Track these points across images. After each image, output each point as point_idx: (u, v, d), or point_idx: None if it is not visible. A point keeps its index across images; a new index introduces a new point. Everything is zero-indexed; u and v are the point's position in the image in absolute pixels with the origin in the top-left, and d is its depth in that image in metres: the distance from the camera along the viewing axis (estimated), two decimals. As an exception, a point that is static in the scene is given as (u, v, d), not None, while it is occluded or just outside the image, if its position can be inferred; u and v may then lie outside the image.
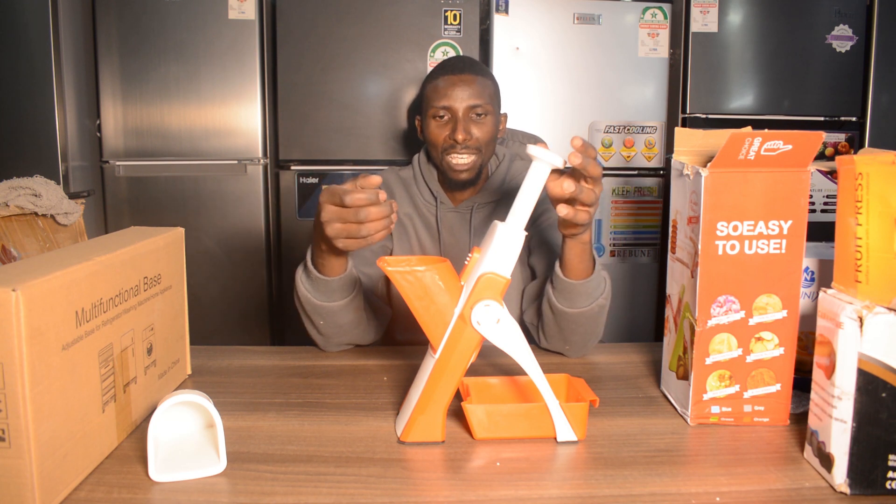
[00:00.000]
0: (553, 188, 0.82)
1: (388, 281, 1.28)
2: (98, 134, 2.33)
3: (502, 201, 1.29)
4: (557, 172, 0.83)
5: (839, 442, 0.67)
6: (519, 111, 2.41)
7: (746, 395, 0.81)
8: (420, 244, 1.30)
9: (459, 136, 1.19)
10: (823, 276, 0.86)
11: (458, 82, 1.21)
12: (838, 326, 0.66)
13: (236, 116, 2.32)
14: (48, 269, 0.65)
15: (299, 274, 1.00)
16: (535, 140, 1.59)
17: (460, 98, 1.20)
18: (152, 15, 2.26)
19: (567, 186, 0.81)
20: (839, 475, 0.67)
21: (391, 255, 1.29)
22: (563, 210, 0.83)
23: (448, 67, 1.25)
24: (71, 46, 2.21)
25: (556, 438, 0.78)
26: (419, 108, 1.31)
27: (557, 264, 1.00)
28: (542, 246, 1.21)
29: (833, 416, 0.67)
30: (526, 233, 0.78)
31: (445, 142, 1.21)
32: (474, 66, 1.26)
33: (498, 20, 2.40)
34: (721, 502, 0.66)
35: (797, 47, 2.45)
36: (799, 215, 0.78)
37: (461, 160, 1.21)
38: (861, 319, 0.65)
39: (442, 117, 1.22)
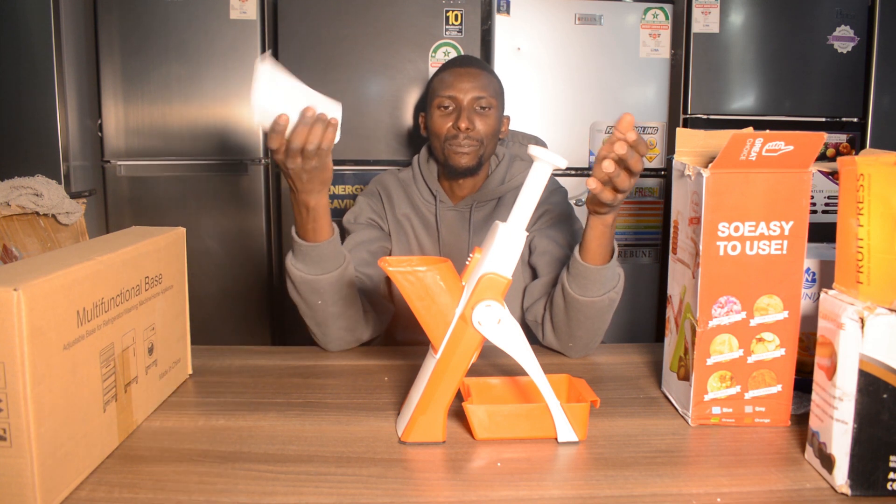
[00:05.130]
0: (595, 168, 0.86)
1: (389, 281, 1.28)
2: (99, 133, 2.33)
3: (502, 201, 1.29)
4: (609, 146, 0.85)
5: (840, 443, 0.67)
6: (520, 111, 2.41)
7: (747, 395, 0.81)
8: (419, 244, 1.30)
9: (462, 125, 1.20)
10: (825, 277, 0.86)
11: (465, 74, 1.23)
12: (839, 327, 0.66)
13: (237, 116, 2.32)
14: (49, 268, 0.65)
15: (289, 259, 1.01)
16: (536, 141, 1.59)
17: (465, 89, 1.22)
18: (154, 15, 2.26)
19: (606, 166, 0.83)
20: (840, 476, 0.67)
21: (391, 255, 1.30)
22: (591, 184, 0.86)
23: (455, 62, 1.28)
24: (72, 46, 2.21)
25: (556, 439, 0.78)
26: (423, 105, 1.32)
27: (577, 248, 1.00)
28: (544, 246, 1.21)
29: (834, 417, 0.67)
30: (527, 233, 0.78)
31: (448, 132, 1.23)
32: (481, 63, 1.28)
33: (499, 20, 2.40)
34: (722, 503, 0.66)
35: (798, 48, 2.45)
36: (800, 216, 0.78)
37: (462, 147, 1.22)
38: (862, 320, 0.64)
39: (447, 107, 1.23)
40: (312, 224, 0.97)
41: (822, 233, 0.90)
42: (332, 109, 0.89)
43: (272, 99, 0.86)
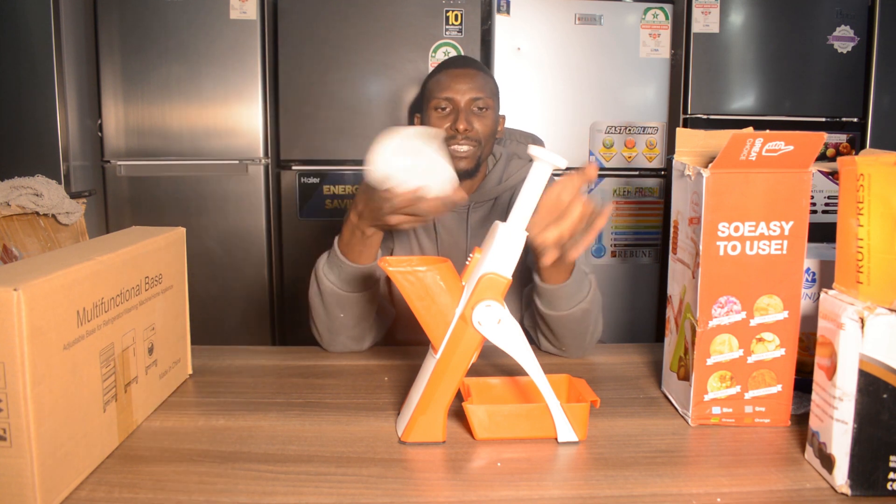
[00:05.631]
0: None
1: (389, 282, 1.28)
2: (99, 134, 2.33)
3: (499, 200, 1.29)
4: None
5: (840, 443, 0.67)
6: (520, 111, 2.41)
7: (747, 395, 0.81)
8: (419, 244, 1.30)
9: (461, 126, 1.20)
10: (825, 277, 0.86)
11: (461, 75, 1.23)
12: (839, 327, 0.66)
13: (237, 116, 2.32)
14: (50, 268, 0.65)
15: (322, 269, 1.02)
16: (533, 139, 1.59)
17: (462, 90, 1.22)
18: (154, 15, 2.26)
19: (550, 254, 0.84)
20: (840, 476, 0.67)
21: (392, 255, 1.30)
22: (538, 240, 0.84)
23: (451, 63, 1.27)
24: (72, 46, 2.21)
25: (556, 439, 0.78)
26: (418, 106, 1.31)
27: (535, 273, 1.00)
28: None
29: (834, 417, 0.67)
30: (527, 233, 0.78)
31: (446, 133, 1.22)
32: (476, 63, 1.28)
33: (499, 20, 2.40)
34: (722, 503, 0.66)
35: (798, 48, 2.45)
36: (800, 216, 0.78)
37: (461, 149, 1.22)
38: (862, 320, 0.64)
39: (444, 109, 1.23)
40: (361, 248, 0.98)
41: (822, 233, 0.90)
42: (443, 175, 0.87)
43: (394, 165, 0.87)
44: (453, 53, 2.35)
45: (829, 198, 2.38)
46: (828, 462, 0.68)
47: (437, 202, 0.86)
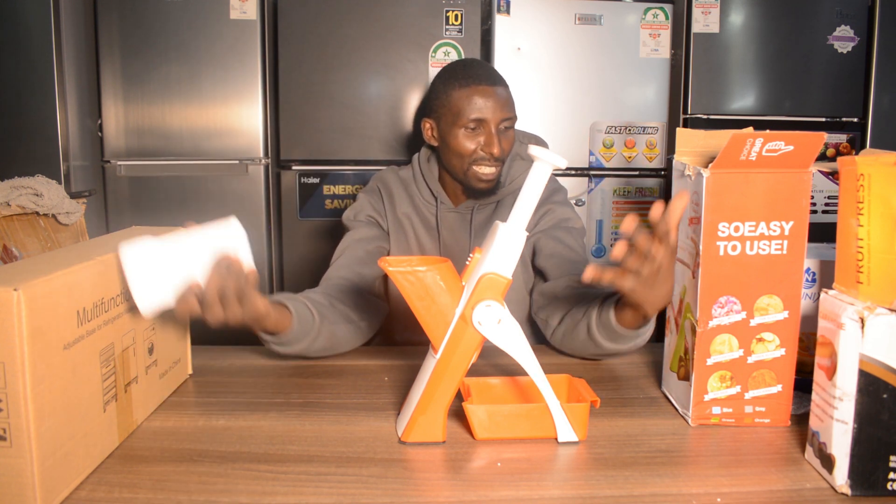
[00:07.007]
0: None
1: (385, 280, 1.28)
2: (99, 133, 2.33)
3: (503, 202, 1.28)
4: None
5: (840, 443, 0.67)
6: (520, 111, 2.37)
7: (747, 395, 0.81)
8: (419, 244, 1.29)
9: (496, 150, 1.16)
10: (825, 277, 0.86)
11: (493, 95, 1.17)
12: (839, 327, 0.66)
13: (237, 116, 2.32)
14: (50, 268, 0.65)
15: (263, 338, 0.97)
16: (537, 140, 1.59)
17: (494, 110, 1.17)
18: (154, 15, 2.26)
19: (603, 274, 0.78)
20: (840, 476, 0.67)
21: (389, 255, 1.29)
22: (587, 274, 0.78)
23: (478, 77, 1.19)
24: (72, 46, 2.21)
25: (557, 439, 0.78)
26: (426, 111, 1.27)
27: (612, 311, 0.94)
28: (550, 247, 1.20)
29: (834, 417, 0.67)
30: (527, 233, 0.78)
31: (475, 153, 1.18)
32: (500, 76, 1.22)
33: (499, 20, 2.39)
34: (722, 503, 0.66)
35: (799, 48, 2.45)
36: (800, 216, 0.78)
37: (489, 171, 1.19)
38: (862, 320, 0.64)
39: (473, 128, 1.18)
40: (269, 327, 0.91)
41: (822, 233, 0.90)
42: (232, 237, 0.77)
43: (154, 282, 0.74)
44: (453, 53, 2.35)
45: (829, 198, 2.38)
46: (828, 462, 0.68)
47: (237, 278, 0.77)
